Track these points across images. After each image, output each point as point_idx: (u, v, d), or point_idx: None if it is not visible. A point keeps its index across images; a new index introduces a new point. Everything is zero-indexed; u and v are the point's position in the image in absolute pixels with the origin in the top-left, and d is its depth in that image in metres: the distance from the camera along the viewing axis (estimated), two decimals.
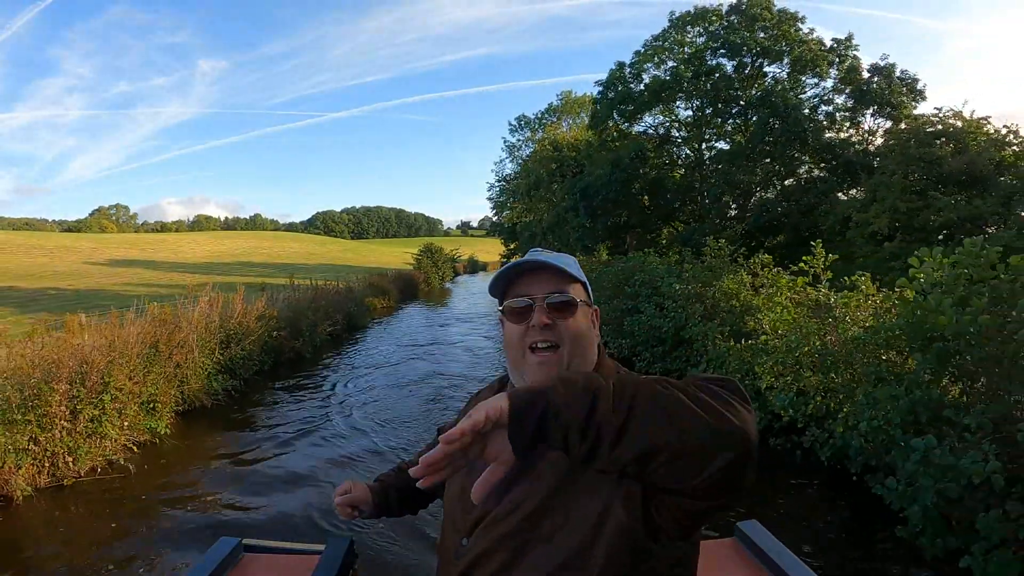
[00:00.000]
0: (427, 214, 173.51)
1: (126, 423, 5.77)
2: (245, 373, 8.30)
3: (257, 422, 7.30)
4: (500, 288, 0.96)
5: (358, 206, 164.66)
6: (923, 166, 11.87)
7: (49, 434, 5.08)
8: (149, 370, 6.18)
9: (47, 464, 5.15)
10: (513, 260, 0.95)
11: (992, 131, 13.29)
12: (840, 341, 4.10)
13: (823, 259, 5.08)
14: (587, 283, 0.96)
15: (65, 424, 5.15)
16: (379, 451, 6.21)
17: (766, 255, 6.46)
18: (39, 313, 14.93)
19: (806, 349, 4.18)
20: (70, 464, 5.22)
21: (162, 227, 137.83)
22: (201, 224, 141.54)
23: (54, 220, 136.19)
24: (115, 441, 5.63)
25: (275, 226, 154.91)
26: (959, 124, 13.85)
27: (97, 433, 5.45)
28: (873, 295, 4.54)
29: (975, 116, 13.89)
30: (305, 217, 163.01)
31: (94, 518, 4.83)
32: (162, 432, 6.26)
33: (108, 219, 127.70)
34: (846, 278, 5.10)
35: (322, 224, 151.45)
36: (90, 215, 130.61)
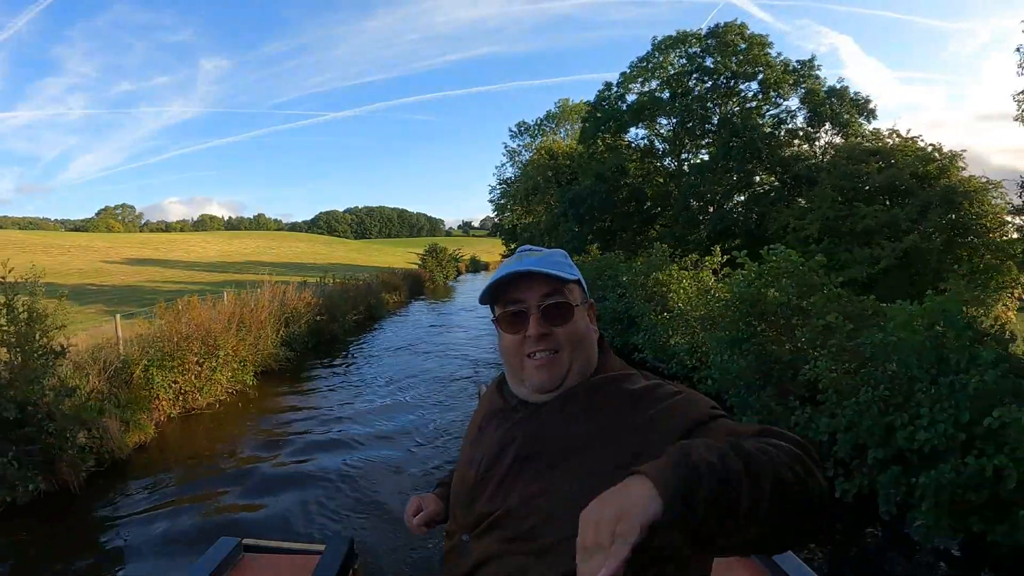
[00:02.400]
0: (429, 214, 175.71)
1: (229, 374, 8.10)
2: (298, 347, 10.63)
3: (310, 380, 9.68)
4: (491, 295, 0.92)
5: (360, 206, 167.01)
6: (851, 180, 14.13)
7: (184, 377, 7.40)
8: (242, 339, 8.51)
9: (181, 398, 7.47)
10: (504, 262, 0.93)
11: (919, 148, 15.51)
12: (716, 310, 6.39)
13: (719, 258, 7.39)
14: (581, 279, 0.93)
15: (196, 370, 7.47)
16: (399, 397, 8.56)
17: (693, 254, 8.78)
18: (96, 305, 17.27)
19: (695, 315, 6.47)
20: (197, 399, 7.55)
21: (166, 227, 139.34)
22: (205, 224, 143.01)
23: (57, 219, 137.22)
24: (223, 386, 7.97)
25: (278, 226, 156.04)
26: (893, 142, 16.15)
27: (213, 379, 7.77)
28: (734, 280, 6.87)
29: (910, 134, 16.22)
30: (307, 217, 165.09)
31: (212, 434, 7.15)
32: (249, 383, 8.61)
33: (114, 219, 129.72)
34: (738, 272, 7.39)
35: (325, 224, 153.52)
36: (96, 215, 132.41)
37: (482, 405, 1.03)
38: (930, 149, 15.51)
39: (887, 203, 14.51)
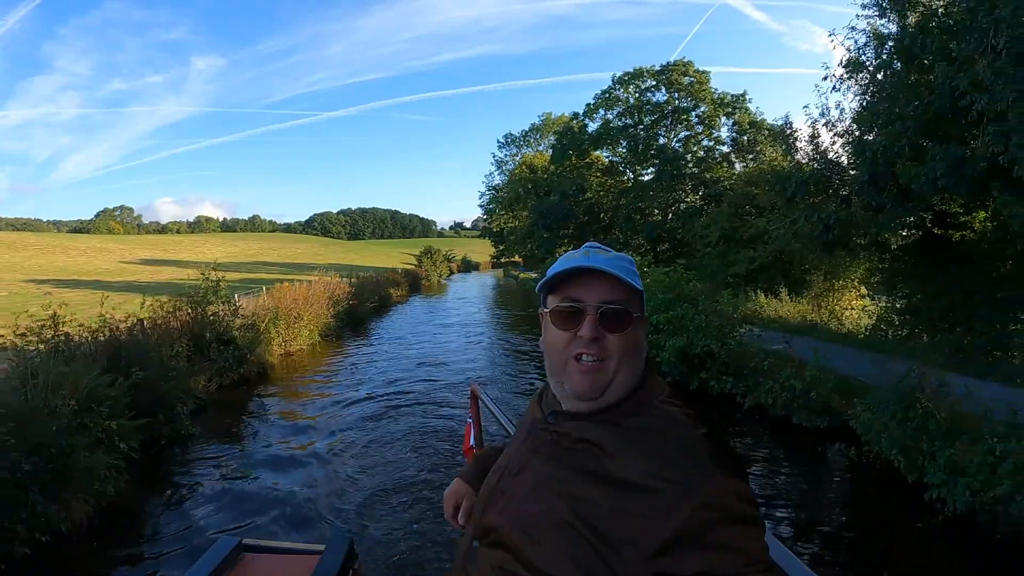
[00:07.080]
0: (421, 215, 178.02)
1: (307, 333, 12.77)
2: (340, 321, 15.30)
3: (351, 342, 14.41)
4: (549, 286, 0.87)
5: (354, 207, 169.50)
6: (746, 199, 18.87)
7: (286, 330, 12.03)
8: (311, 311, 13.19)
9: (283, 344, 12.10)
10: (567, 254, 0.88)
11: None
12: None
13: None
14: (643, 292, 0.87)
15: (292, 328, 12.12)
16: (409, 357, 13.25)
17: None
18: (163, 295, 21.67)
19: None
20: (291, 346, 12.21)
21: (162, 228, 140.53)
22: (201, 225, 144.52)
23: (50, 220, 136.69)
24: (304, 340, 12.63)
25: (273, 227, 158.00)
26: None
27: (299, 335, 12.42)
28: None
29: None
30: (300, 217, 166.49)
31: (301, 367, 11.78)
32: (317, 340, 13.29)
33: (114, 220, 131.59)
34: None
35: (320, 225, 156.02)
36: (96, 216, 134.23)
37: (528, 412, 0.98)
38: None
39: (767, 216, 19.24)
